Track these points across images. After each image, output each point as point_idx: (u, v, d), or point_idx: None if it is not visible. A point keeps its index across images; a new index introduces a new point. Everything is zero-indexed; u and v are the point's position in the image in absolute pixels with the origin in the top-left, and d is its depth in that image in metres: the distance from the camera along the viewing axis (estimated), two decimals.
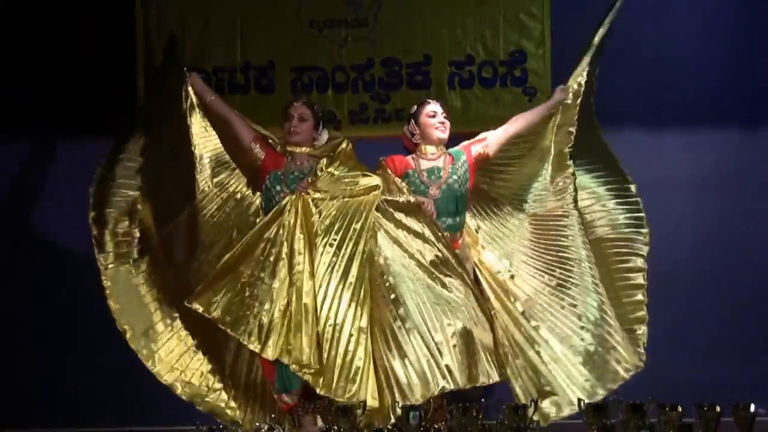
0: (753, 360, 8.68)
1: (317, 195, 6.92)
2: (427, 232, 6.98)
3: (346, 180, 7.05)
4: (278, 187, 7.00)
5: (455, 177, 7.16)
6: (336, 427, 5.84)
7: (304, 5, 9.12)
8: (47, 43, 9.10)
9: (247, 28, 9.14)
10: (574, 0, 9.08)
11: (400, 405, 6.30)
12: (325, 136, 7.28)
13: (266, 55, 9.18)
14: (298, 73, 9.04)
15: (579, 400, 6.30)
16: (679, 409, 5.81)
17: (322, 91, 9.12)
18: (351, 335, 6.76)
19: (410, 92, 8.96)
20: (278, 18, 9.11)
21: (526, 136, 7.42)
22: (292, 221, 6.87)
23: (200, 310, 6.81)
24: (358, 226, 6.92)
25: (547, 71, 9.06)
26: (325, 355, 6.69)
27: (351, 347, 6.75)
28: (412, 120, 7.27)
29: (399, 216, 7.03)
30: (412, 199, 7.01)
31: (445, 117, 7.19)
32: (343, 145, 7.22)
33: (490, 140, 7.24)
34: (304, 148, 7.12)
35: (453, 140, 7.35)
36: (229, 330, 6.78)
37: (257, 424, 6.62)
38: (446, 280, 6.97)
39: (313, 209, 6.94)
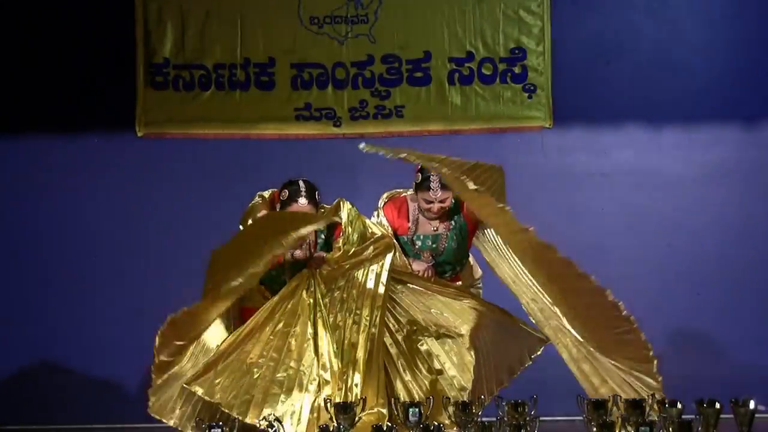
0: (754, 355, 8.78)
1: (328, 269, 6.93)
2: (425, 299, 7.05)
3: (358, 250, 6.98)
4: (283, 277, 6.96)
5: (453, 244, 7.15)
6: (336, 424, 5.88)
7: (305, 1, 9.24)
8: (44, 38, 9.20)
9: (247, 24, 9.27)
10: None
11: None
12: None
13: (266, 52, 9.29)
14: (298, 70, 9.14)
15: (578, 396, 6.16)
16: (679, 405, 5.82)
17: (322, 87, 9.23)
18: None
19: (410, 89, 9.13)
20: (279, 14, 9.24)
21: None
22: (305, 298, 6.88)
23: (200, 393, 6.70)
24: (368, 304, 6.93)
25: (547, 68, 9.22)
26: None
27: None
28: (414, 189, 7.23)
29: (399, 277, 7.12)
30: (409, 264, 7.06)
31: (442, 202, 7.00)
32: (343, 208, 7.08)
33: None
34: None
35: (455, 139, 7.84)
36: (232, 412, 6.68)
37: (256, 420, 6.53)
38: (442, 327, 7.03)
39: (324, 285, 6.93)
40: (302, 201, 6.89)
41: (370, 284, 6.93)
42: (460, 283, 7.23)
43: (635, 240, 9.14)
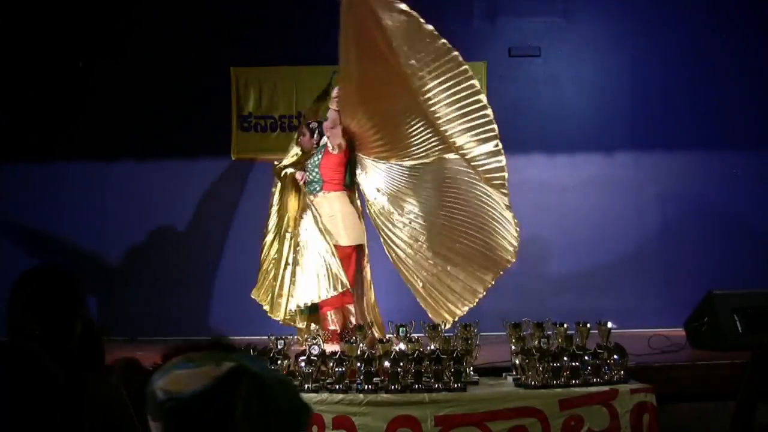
0: (608, 296, 10.68)
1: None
2: None
3: None
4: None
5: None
6: (353, 339, 7.03)
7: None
8: (172, 99, 11.21)
9: (298, 90, 11.22)
10: (502, 74, 11.37)
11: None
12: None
13: None
14: None
15: (504, 320, 7.43)
16: (565, 325, 7.18)
17: None
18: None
19: None
20: (317, 84, 10.47)
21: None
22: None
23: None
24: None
25: None
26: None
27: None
28: None
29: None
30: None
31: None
32: None
33: None
34: None
35: None
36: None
37: (306, 336, 7.92)
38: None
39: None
40: (304, 129, 9.03)
41: None
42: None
43: (537, 224, 10.80)
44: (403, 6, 7.26)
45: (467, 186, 8.18)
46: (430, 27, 7.32)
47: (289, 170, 8.85)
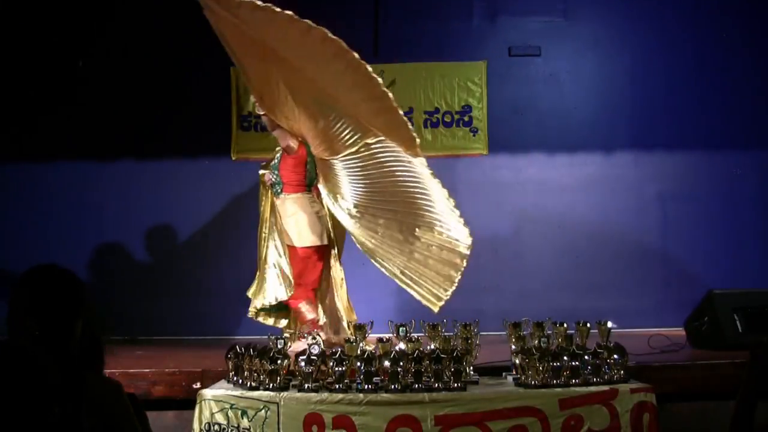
0: (608, 295, 10.74)
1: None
2: None
3: None
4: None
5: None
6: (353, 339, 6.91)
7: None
8: (179, 100, 11.26)
9: None
10: (502, 73, 11.39)
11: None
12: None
13: None
14: None
15: (504, 320, 7.36)
16: (565, 325, 7.14)
17: None
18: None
19: None
20: None
21: None
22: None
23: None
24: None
25: (484, 118, 11.23)
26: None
27: None
28: None
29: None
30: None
31: None
32: None
33: None
34: None
35: (428, 161, 8.23)
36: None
37: (302, 329, 8.10)
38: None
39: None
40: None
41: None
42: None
43: (538, 223, 11.17)
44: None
45: (396, 164, 8.11)
46: (288, 12, 7.06)
47: (261, 171, 8.76)
